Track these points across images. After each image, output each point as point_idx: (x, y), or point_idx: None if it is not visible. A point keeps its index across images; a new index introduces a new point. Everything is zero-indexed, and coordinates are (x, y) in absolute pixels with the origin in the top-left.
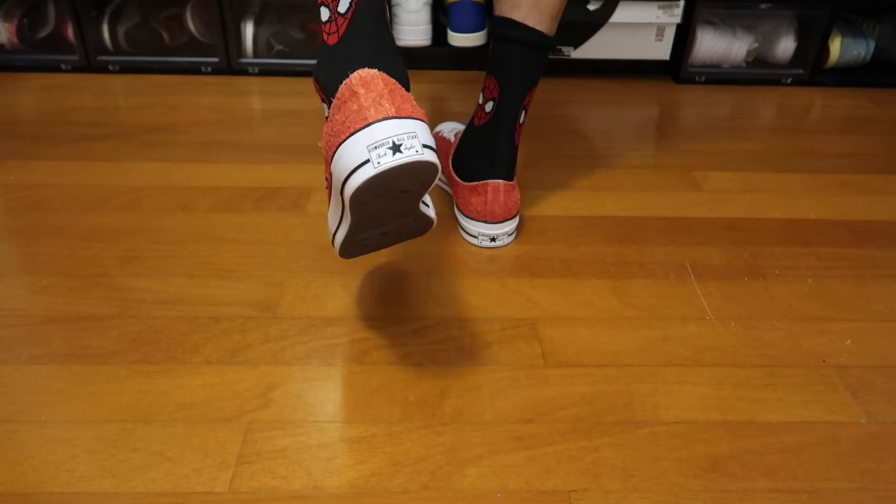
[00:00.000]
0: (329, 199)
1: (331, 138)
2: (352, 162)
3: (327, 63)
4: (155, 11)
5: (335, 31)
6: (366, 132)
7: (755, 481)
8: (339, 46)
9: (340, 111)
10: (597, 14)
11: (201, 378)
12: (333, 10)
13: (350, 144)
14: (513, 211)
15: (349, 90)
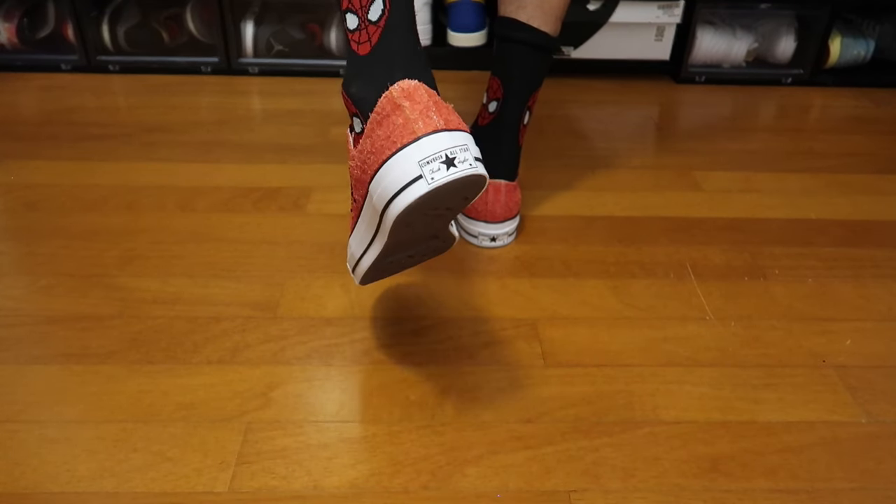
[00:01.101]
0: (354, 222)
1: (370, 156)
2: (400, 179)
3: (359, 74)
4: (155, 11)
5: (366, 40)
6: (416, 146)
7: (755, 481)
8: (371, 56)
9: (382, 126)
10: (597, 14)
11: (201, 378)
12: (363, 17)
13: (398, 160)
14: (513, 211)
15: (391, 103)
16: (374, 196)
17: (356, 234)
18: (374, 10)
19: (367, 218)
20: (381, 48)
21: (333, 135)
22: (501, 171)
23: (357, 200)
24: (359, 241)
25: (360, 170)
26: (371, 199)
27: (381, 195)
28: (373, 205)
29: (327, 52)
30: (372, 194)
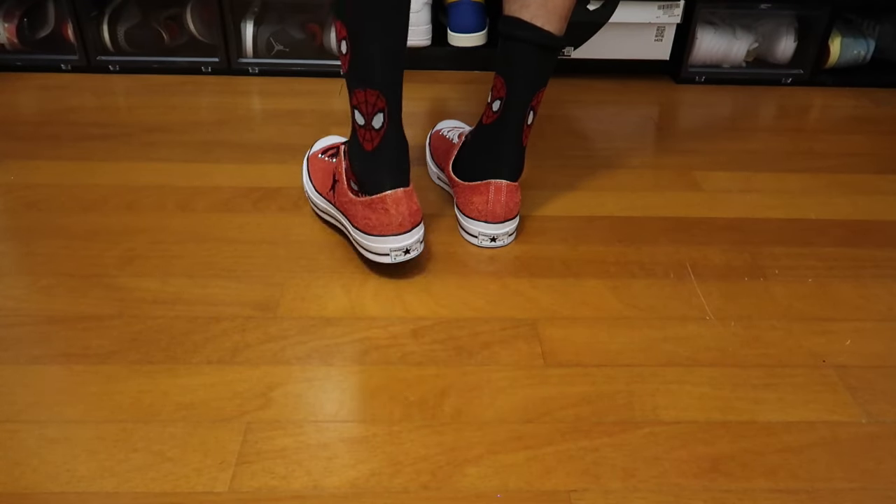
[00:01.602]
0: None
1: (365, 219)
2: (377, 250)
3: (364, 163)
4: (155, 11)
5: (370, 140)
6: (393, 238)
7: (755, 481)
8: (373, 154)
9: (376, 213)
10: (597, 14)
11: (201, 378)
12: (368, 122)
13: (380, 241)
14: (514, 211)
15: (383, 204)
16: (358, 238)
17: (319, 198)
18: (376, 120)
19: (338, 215)
20: (380, 151)
21: (333, 135)
22: (504, 171)
23: (332, 197)
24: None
25: (350, 213)
26: (355, 234)
27: (360, 242)
28: (353, 232)
29: (327, 52)
30: (353, 231)
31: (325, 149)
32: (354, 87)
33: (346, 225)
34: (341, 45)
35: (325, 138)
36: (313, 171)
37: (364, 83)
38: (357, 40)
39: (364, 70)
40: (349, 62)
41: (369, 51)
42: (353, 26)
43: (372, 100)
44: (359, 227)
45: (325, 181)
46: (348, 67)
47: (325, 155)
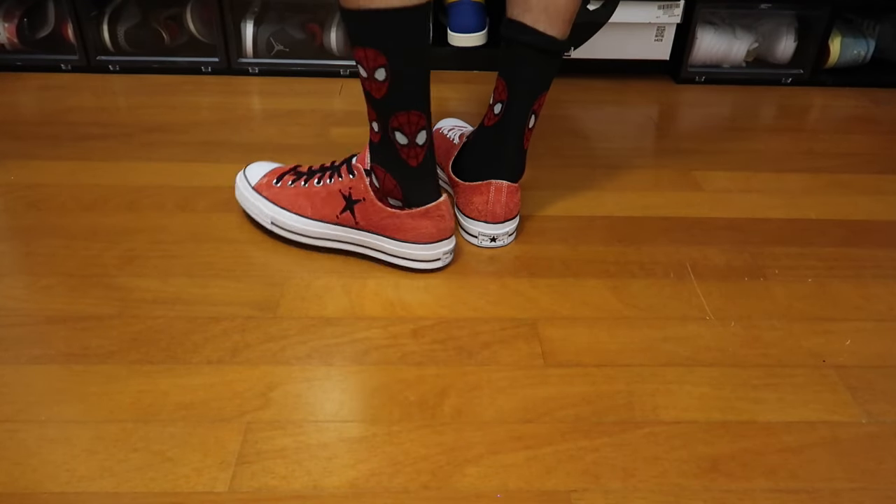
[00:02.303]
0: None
1: (417, 231)
2: (429, 257)
3: (410, 179)
4: (155, 11)
5: (415, 157)
6: (445, 242)
7: (755, 481)
8: (419, 170)
9: (433, 220)
10: (597, 14)
11: (201, 378)
12: (412, 140)
13: (434, 247)
14: (514, 212)
15: (438, 212)
16: (396, 246)
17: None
18: (420, 137)
19: (337, 230)
20: (424, 164)
21: (333, 135)
22: (504, 172)
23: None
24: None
25: (390, 217)
26: (380, 244)
27: (408, 254)
28: (373, 243)
29: (327, 52)
30: (397, 245)
31: (276, 175)
32: (395, 111)
33: (374, 244)
34: (376, 73)
35: (255, 166)
36: (286, 200)
37: (407, 106)
38: (399, 67)
39: (408, 94)
40: (388, 88)
41: (412, 76)
42: (395, 54)
43: (415, 120)
44: (407, 239)
45: (328, 206)
46: (386, 93)
47: (294, 181)
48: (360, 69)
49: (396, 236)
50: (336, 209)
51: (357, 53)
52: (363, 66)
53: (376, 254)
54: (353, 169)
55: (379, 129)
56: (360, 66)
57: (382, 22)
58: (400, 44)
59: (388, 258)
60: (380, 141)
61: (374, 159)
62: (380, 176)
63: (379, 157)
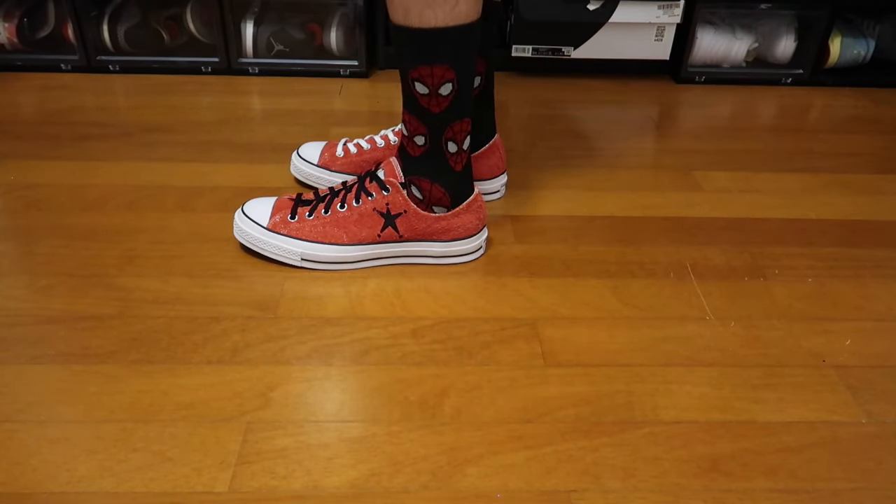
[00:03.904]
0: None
1: (463, 227)
2: (473, 248)
3: (456, 182)
4: (155, 11)
5: (460, 161)
6: (484, 230)
7: (755, 481)
8: (463, 171)
9: (474, 212)
10: (597, 14)
11: (201, 378)
12: (461, 146)
13: (477, 237)
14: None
15: (477, 203)
16: (444, 247)
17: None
18: (466, 143)
19: (379, 248)
20: (467, 167)
21: (333, 135)
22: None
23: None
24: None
25: (437, 221)
26: (429, 250)
27: (455, 252)
28: (419, 251)
29: (327, 52)
30: (446, 246)
31: (286, 209)
32: (451, 122)
33: (420, 251)
34: (441, 88)
35: (254, 205)
36: (314, 233)
37: (461, 115)
38: (465, 80)
39: (465, 103)
40: (452, 101)
41: (470, 85)
42: (463, 68)
43: (466, 128)
44: (457, 236)
45: (365, 228)
46: (448, 107)
47: (312, 212)
48: (416, 86)
49: (444, 238)
50: (375, 229)
51: (419, 71)
52: (425, 83)
53: (421, 259)
54: (386, 185)
55: (427, 142)
56: (420, 83)
57: (456, 38)
58: (468, 56)
59: (434, 260)
60: (426, 153)
61: (416, 172)
62: (425, 188)
63: (423, 170)
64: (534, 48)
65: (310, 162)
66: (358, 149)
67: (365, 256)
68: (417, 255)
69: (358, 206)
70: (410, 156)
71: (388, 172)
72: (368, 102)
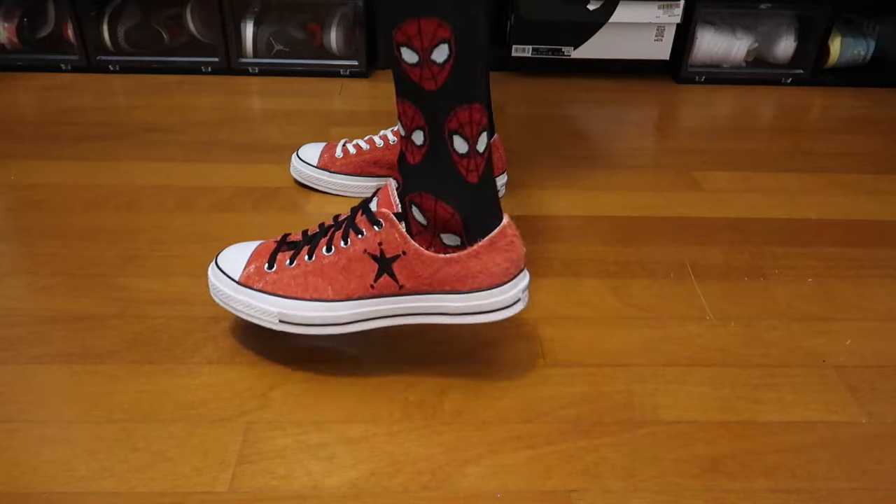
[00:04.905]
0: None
1: (486, 273)
2: (506, 301)
3: (471, 201)
4: (155, 11)
5: (475, 169)
6: (521, 276)
7: (755, 481)
8: (480, 186)
9: (502, 252)
10: (597, 14)
11: (201, 378)
12: (473, 146)
13: (510, 286)
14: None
15: (504, 238)
16: (464, 302)
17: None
18: (481, 142)
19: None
20: (485, 178)
21: (333, 135)
22: None
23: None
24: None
25: (449, 265)
26: (443, 306)
27: (481, 306)
28: (430, 307)
29: (327, 52)
30: (465, 299)
31: (264, 257)
32: (454, 105)
33: (431, 307)
34: (434, 52)
35: (228, 254)
36: (292, 286)
37: (469, 97)
38: (467, 40)
39: (472, 79)
40: (450, 72)
41: (479, 51)
42: (462, 21)
43: (477, 117)
44: (476, 287)
45: (354, 278)
46: (447, 80)
47: (293, 259)
48: (403, 54)
49: (460, 288)
50: (367, 278)
51: (405, 30)
52: (413, 46)
53: (437, 319)
54: (376, 219)
55: (426, 141)
56: (408, 48)
57: None
58: (470, 8)
59: (456, 319)
60: (427, 156)
61: (417, 187)
62: (427, 208)
63: (424, 181)
64: (534, 48)
65: (309, 163)
66: (357, 149)
67: (358, 316)
68: (429, 313)
69: (346, 249)
70: (410, 165)
71: (382, 201)
72: (368, 102)
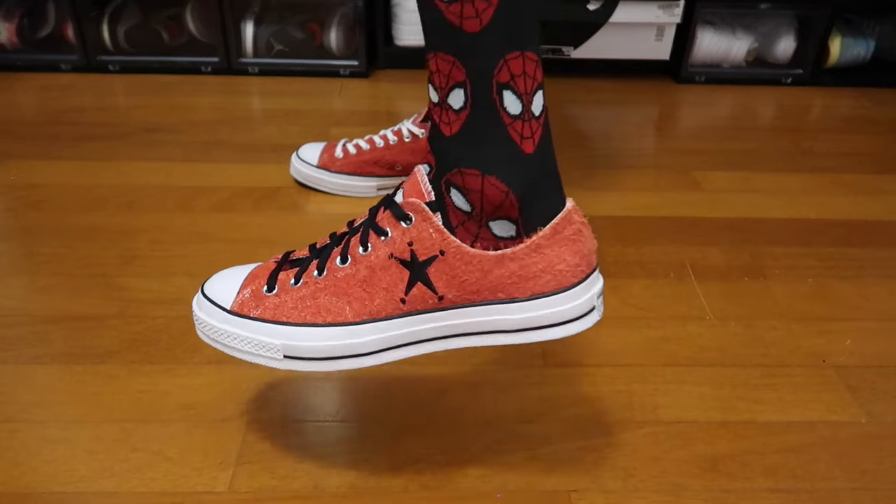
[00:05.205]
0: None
1: (551, 273)
2: (581, 308)
3: (528, 176)
4: (155, 11)
5: (530, 136)
6: (594, 276)
7: (755, 481)
8: (537, 156)
9: (567, 245)
10: (597, 14)
11: (201, 378)
12: (528, 106)
13: (584, 288)
14: None
15: (573, 226)
16: (510, 315)
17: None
18: (536, 102)
19: (407, 326)
20: (542, 147)
21: (333, 135)
22: None
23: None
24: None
25: (501, 263)
26: (490, 317)
27: (541, 319)
28: (481, 322)
29: (327, 52)
30: (525, 308)
31: (262, 279)
32: (503, 49)
33: (482, 322)
34: None
35: (217, 282)
36: (300, 310)
37: (521, 43)
38: None
39: (524, 19)
40: (497, 10)
41: None
42: None
43: (531, 70)
44: (543, 288)
45: (379, 293)
46: (492, 19)
47: (300, 276)
48: None
49: (518, 294)
50: (395, 290)
51: None
52: None
53: (491, 339)
54: (404, 212)
55: (468, 101)
56: None
57: None
58: None
59: (515, 338)
60: (469, 121)
61: (456, 163)
62: (472, 187)
63: (467, 154)
64: None
65: (309, 163)
66: (357, 149)
67: (385, 342)
68: (479, 332)
69: (366, 256)
70: (445, 137)
71: (410, 189)
72: (368, 102)
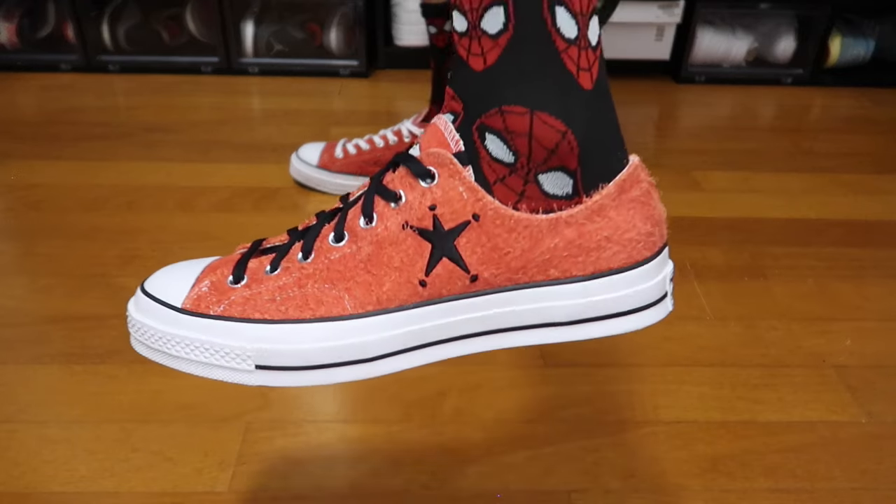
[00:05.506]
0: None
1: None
2: (651, 293)
3: (584, 116)
4: (155, 11)
5: (587, 68)
6: (667, 254)
7: (755, 481)
8: (595, 94)
9: (634, 208)
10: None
11: (201, 378)
12: (584, 31)
13: (656, 266)
14: None
15: (641, 185)
16: (565, 301)
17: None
18: (593, 27)
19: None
20: (603, 84)
21: (333, 135)
22: None
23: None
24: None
25: (545, 236)
26: (538, 303)
27: (604, 306)
28: (525, 311)
29: (327, 51)
30: (564, 297)
31: (226, 268)
32: None
33: (528, 311)
34: None
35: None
36: (277, 305)
37: None
38: None
39: None
40: None
41: None
42: None
43: None
44: (606, 266)
45: (391, 272)
46: None
47: (277, 263)
48: None
49: (577, 271)
50: (413, 270)
51: None
52: None
53: (539, 335)
54: (423, 167)
55: (509, 21)
56: None
57: None
58: None
59: (571, 333)
60: (512, 45)
61: (494, 101)
62: (517, 129)
63: (508, 88)
64: None
65: (309, 163)
66: (357, 149)
67: (398, 342)
68: (524, 326)
69: (370, 229)
70: (476, 73)
71: (430, 138)
72: (368, 102)
